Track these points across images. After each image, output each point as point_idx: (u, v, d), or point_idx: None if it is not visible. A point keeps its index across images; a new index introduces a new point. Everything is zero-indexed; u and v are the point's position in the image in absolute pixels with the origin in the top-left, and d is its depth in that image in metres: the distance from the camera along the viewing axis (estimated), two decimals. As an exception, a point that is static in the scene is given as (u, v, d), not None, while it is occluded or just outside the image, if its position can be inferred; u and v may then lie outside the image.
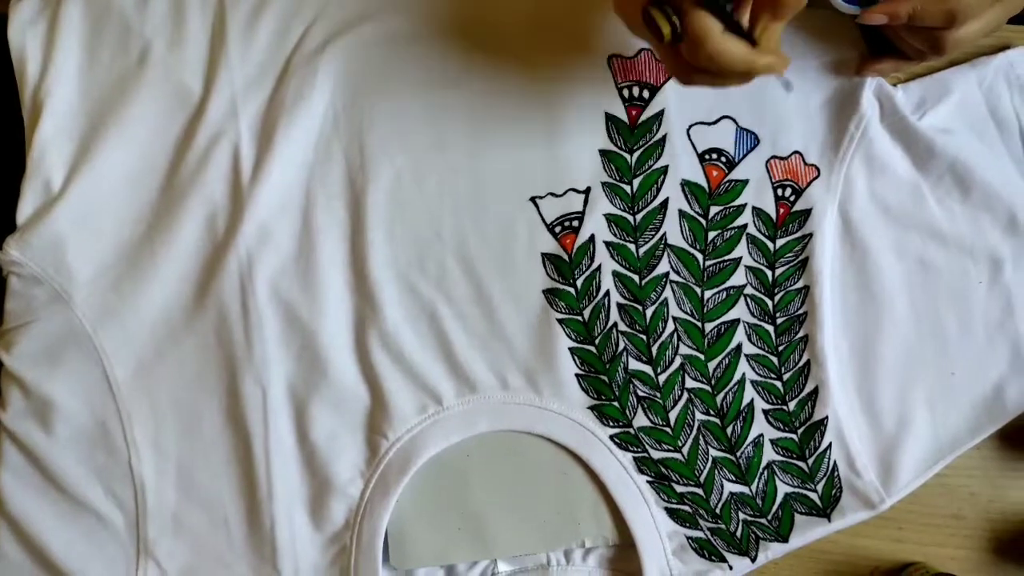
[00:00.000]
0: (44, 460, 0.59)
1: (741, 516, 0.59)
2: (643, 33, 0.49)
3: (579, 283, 0.60)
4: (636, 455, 0.59)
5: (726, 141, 0.61)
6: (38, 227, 0.59)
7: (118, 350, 0.60)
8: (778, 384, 0.60)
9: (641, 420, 0.60)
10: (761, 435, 0.60)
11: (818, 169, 0.61)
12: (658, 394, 0.60)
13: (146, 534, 0.59)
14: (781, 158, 0.61)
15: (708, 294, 0.60)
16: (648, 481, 0.59)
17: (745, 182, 0.61)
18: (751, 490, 0.59)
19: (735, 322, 0.60)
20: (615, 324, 0.60)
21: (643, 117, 0.61)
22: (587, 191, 0.61)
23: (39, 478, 0.59)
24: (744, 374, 0.60)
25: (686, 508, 0.59)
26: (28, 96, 0.61)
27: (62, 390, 0.59)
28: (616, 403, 0.60)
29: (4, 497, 0.58)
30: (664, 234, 0.60)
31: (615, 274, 0.60)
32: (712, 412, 0.60)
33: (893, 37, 0.57)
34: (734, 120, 0.61)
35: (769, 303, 0.60)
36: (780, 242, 0.61)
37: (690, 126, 0.61)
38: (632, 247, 0.60)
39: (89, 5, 0.62)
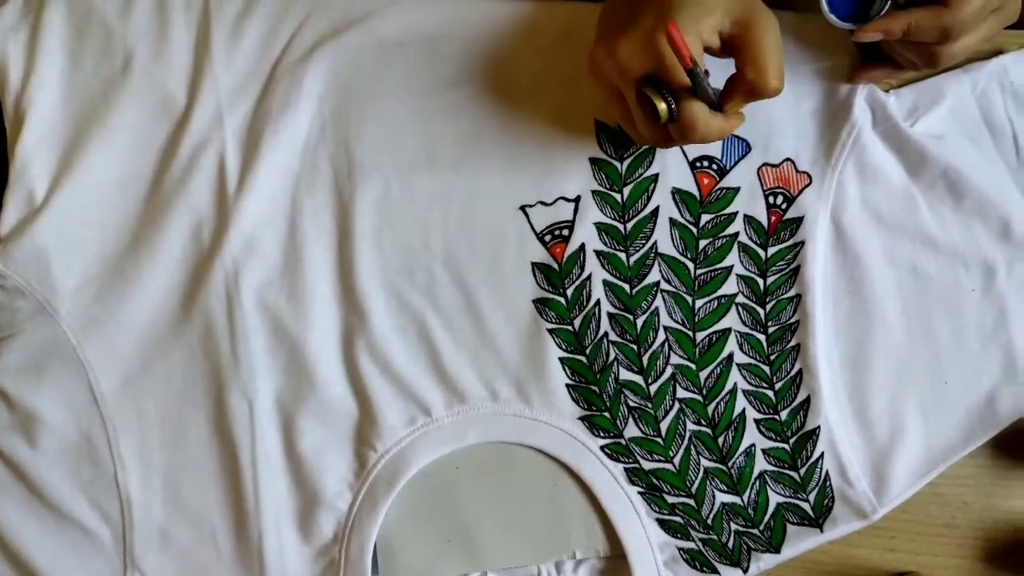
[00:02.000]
0: (29, 474, 0.58)
1: (733, 527, 0.59)
2: (622, 104, 0.51)
3: (569, 292, 0.60)
4: (627, 466, 0.59)
5: (717, 148, 0.60)
6: (21, 239, 0.59)
7: (103, 362, 0.59)
8: (770, 393, 0.60)
9: (632, 430, 0.59)
10: (753, 445, 0.59)
11: (810, 176, 0.60)
12: (649, 404, 0.59)
13: (132, 548, 0.58)
14: (773, 165, 0.60)
15: (699, 303, 0.60)
16: (639, 492, 0.59)
17: (736, 190, 0.60)
18: (743, 500, 0.59)
19: (726, 331, 0.60)
20: (606, 334, 0.59)
21: (633, 124, 0.60)
22: (577, 199, 0.60)
23: (24, 491, 0.58)
24: (736, 383, 0.60)
25: (678, 519, 0.59)
26: (10, 105, 0.60)
27: (47, 403, 0.59)
28: (607, 413, 0.59)
29: (-11, 511, 0.58)
30: (655, 243, 0.60)
31: (605, 283, 0.60)
32: (704, 422, 0.59)
33: (886, 47, 0.56)
34: (725, 127, 0.60)
35: (761, 312, 0.60)
36: (772, 250, 0.60)
37: (681, 133, 0.60)
38: (623, 256, 0.60)
39: (72, 11, 0.61)
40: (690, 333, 0.60)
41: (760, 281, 0.60)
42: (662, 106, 0.48)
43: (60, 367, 0.59)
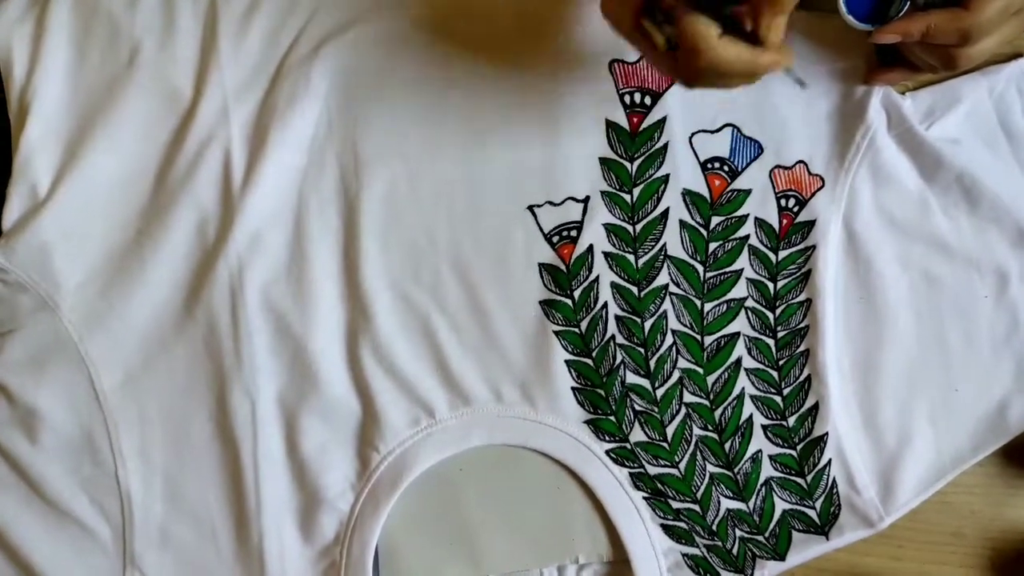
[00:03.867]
0: (29, 470, 0.58)
1: (738, 533, 0.58)
2: (637, 41, 0.48)
3: (576, 294, 0.59)
4: (632, 470, 0.58)
5: (728, 149, 0.59)
6: (24, 233, 0.58)
7: (105, 359, 0.58)
8: (778, 399, 0.59)
9: (638, 435, 0.58)
10: (760, 451, 0.59)
11: (823, 179, 0.59)
12: (656, 408, 0.59)
13: (132, 546, 0.58)
14: (785, 168, 0.59)
15: (708, 307, 0.59)
16: (644, 497, 0.58)
17: (748, 192, 0.59)
18: (748, 507, 0.58)
19: (735, 335, 0.59)
20: (613, 336, 0.59)
21: (644, 124, 0.59)
22: (586, 200, 0.59)
23: (24, 488, 0.58)
24: (743, 388, 0.59)
25: (682, 525, 0.58)
26: (14, 98, 0.60)
27: (48, 399, 0.58)
28: (613, 417, 0.58)
29: (-12, 507, 0.57)
30: (664, 245, 0.59)
31: (613, 285, 0.59)
32: (710, 427, 0.59)
33: (904, 49, 0.55)
34: (737, 128, 0.60)
35: (770, 316, 0.59)
36: (782, 254, 0.59)
37: (692, 134, 0.59)
38: (631, 258, 0.59)
39: (78, 4, 0.60)
40: (698, 337, 0.59)
41: (770, 285, 0.59)
42: (656, 34, 0.44)
43: (62, 363, 0.58)
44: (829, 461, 0.58)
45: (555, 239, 0.59)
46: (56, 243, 0.58)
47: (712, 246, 0.59)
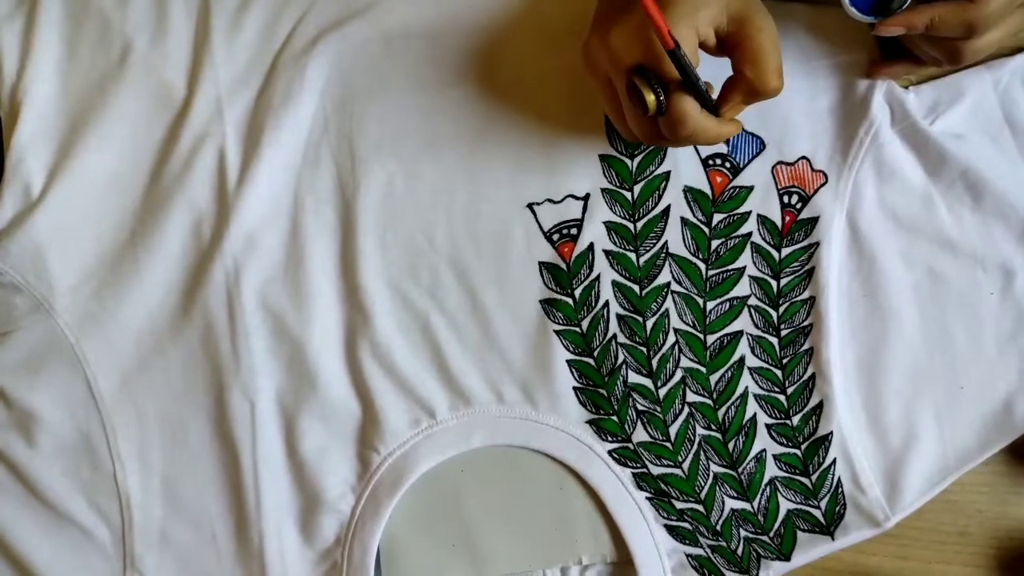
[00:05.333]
0: (27, 473, 0.57)
1: (742, 533, 0.58)
2: (617, 96, 0.49)
3: (577, 293, 0.58)
4: (635, 471, 0.58)
5: (731, 146, 0.59)
6: (17, 234, 0.57)
7: (101, 360, 0.58)
8: (782, 398, 0.58)
9: (640, 435, 0.58)
10: (764, 450, 0.58)
11: (826, 175, 0.59)
12: (658, 408, 0.58)
13: (132, 549, 0.58)
14: (788, 164, 0.59)
15: (711, 305, 0.58)
16: (647, 497, 0.58)
17: (750, 188, 0.59)
18: (753, 507, 0.58)
19: (738, 334, 0.58)
20: (614, 336, 0.58)
21: (644, 121, 0.59)
22: (586, 197, 0.58)
23: (22, 491, 0.58)
24: (747, 387, 0.58)
25: (686, 525, 0.58)
26: (5, 96, 0.59)
27: (45, 401, 0.58)
28: (615, 417, 0.58)
29: (-14, 511, 0.57)
30: (665, 243, 0.58)
31: (615, 284, 0.58)
32: (713, 427, 0.58)
33: (907, 43, 0.55)
34: (739, 124, 0.59)
35: (773, 314, 0.59)
36: (785, 251, 0.59)
37: (693, 130, 0.59)
38: (632, 256, 0.58)
39: (68, 1, 0.59)
40: (701, 336, 0.58)
41: (773, 283, 0.59)
42: (650, 97, 0.46)
43: (58, 365, 0.58)
44: (834, 460, 0.58)
45: (555, 237, 0.59)
46: (50, 244, 0.58)
47: (714, 243, 0.59)
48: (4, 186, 0.58)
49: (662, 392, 0.58)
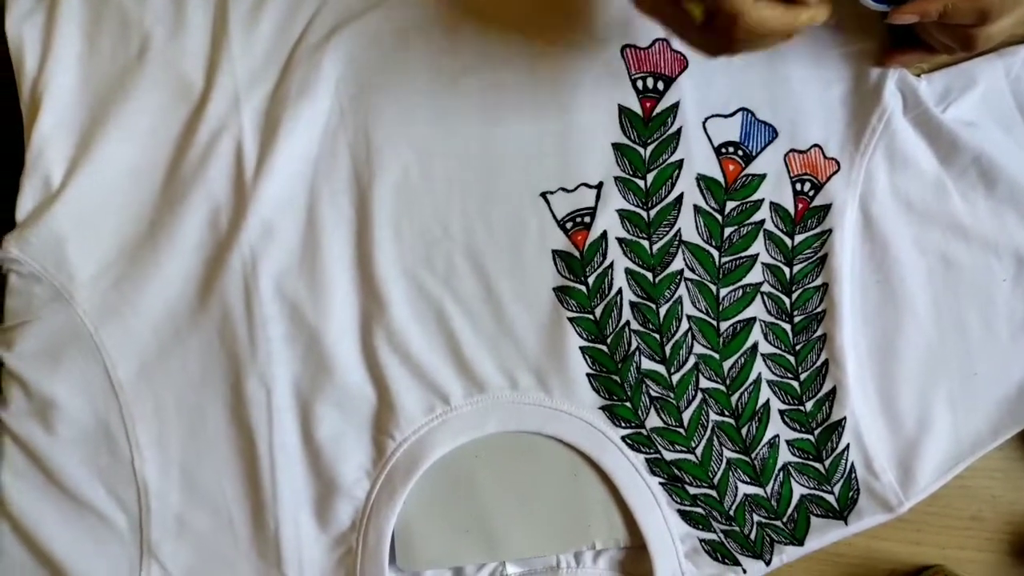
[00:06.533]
0: (46, 460, 0.58)
1: (756, 518, 0.58)
2: (666, 14, 0.47)
3: (591, 281, 0.59)
4: (648, 456, 0.58)
5: (743, 134, 0.59)
6: (38, 224, 0.58)
7: (120, 349, 0.58)
8: (795, 384, 0.58)
9: (654, 421, 0.58)
10: (777, 436, 0.58)
11: (838, 163, 0.59)
12: (671, 394, 0.58)
13: (149, 536, 0.58)
14: (800, 151, 0.59)
15: (724, 292, 0.59)
16: (660, 483, 0.58)
17: (763, 176, 0.59)
18: (766, 492, 0.58)
19: (751, 320, 0.59)
20: (627, 323, 0.58)
21: (657, 109, 0.59)
22: (599, 186, 0.59)
23: (41, 478, 0.58)
24: (760, 374, 0.59)
25: (699, 510, 0.58)
26: (26, 89, 0.59)
27: (64, 390, 0.58)
28: (628, 403, 0.58)
29: (6, 497, 0.57)
30: (679, 230, 0.59)
31: (628, 271, 0.59)
32: (727, 412, 0.58)
33: (920, 30, 0.55)
34: (751, 112, 0.59)
35: (786, 301, 0.59)
36: (798, 238, 0.59)
37: (706, 119, 0.59)
38: (645, 243, 0.59)
39: (88, -6, 0.60)
40: (714, 322, 0.59)
41: (786, 270, 0.59)
42: (695, 9, 0.44)
43: (77, 354, 0.58)
44: (847, 446, 0.58)
45: (568, 225, 0.59)
46: (70, 234, 0.58)
47: (727, 231, 0.59)
48: (25, 177, 0.59)
49: (675, 378, 0.58)
